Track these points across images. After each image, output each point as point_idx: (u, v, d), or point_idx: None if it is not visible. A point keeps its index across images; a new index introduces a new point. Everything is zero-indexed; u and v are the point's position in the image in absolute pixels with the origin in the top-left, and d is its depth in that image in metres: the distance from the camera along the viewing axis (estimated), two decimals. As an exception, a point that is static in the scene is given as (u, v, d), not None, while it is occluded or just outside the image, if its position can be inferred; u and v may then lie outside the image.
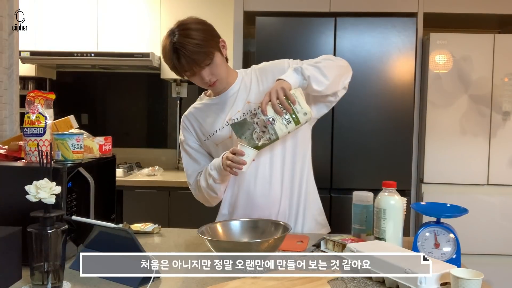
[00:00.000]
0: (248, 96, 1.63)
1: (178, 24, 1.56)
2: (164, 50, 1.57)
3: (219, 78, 1.59)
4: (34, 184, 1.08)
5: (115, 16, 3.41)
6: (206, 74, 1.55)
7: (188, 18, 1.59)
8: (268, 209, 1.63)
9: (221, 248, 1.33)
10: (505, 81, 2.78)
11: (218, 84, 1.61)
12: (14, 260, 1.14)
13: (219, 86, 1.63)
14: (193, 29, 1.53)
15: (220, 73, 1.58)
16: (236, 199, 1.66)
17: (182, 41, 1.50)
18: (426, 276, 1.05)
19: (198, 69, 1.53)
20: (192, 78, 1.59)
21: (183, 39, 1.51)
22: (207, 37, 1.54)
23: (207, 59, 1.53)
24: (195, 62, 1.51)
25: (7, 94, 1.94)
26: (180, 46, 1.50)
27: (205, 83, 1.58)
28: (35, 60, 3.36)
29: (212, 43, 1.55)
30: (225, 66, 1.62)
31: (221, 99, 1.67)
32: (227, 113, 1.64)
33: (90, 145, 1.48)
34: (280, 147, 1.63)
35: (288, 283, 1.12)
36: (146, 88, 3.82)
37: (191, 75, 1.57)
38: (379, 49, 2.77)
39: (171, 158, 3.79)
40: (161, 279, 1.18)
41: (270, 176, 1.62)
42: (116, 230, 1.19)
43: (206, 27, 1.58)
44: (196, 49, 1.50)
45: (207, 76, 1.55)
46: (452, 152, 2.82)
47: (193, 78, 1.58)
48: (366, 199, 1.53)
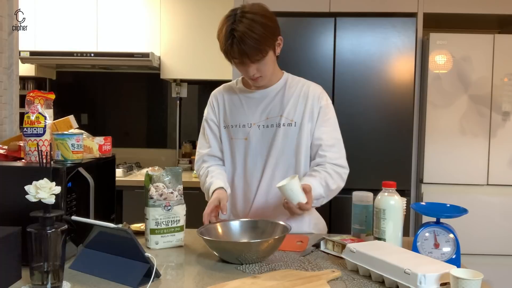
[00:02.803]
0: (285, 110, 1.63)
1: (243, 9, 1.50)
2: (220, 30, 1.51)
3: (263, 75, 1.58)
4: (33, 184, 1.08)
5: (115, 16, 3.41)
6: (252, 69, 1.55)
7: (255, 5, 1.53)
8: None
9: (221, 248, 1.33)
10: (505, 81, 2.78)
11: (259, 80, 1.60)
12: (13, 260, 1.14)
13: (260, 83, 1.62)
14: (257, 22, 1.47)
15: (266, 71, 1.57)
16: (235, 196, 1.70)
17: (243, 30, 1.45)
18: (425, 276, 1.06)
19: (248, 62, 1.52)
20: (237, 66, 1.57)
21: (244, 29, 1.45)
22: (267, 35, 1.49)
23: (260, 56, 1.51)
24: (247, 56, 1.49)
25: (6, 94, 1.94)
26: (238, 36, 1.45)
27: (248, 75, 1.58)
28: (35, 60, 3.37)
29: (270, 41, 1.52)
30: (273, 65, 1.60)
31: (255, 95, 1.67)
32: (254, 114, 1.65)
33: (89, 145, 1.48)
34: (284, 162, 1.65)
35: (288, 283, 1.12)
36: (146, 88, 3.82)
37: (238, 63, 1.55)
38: (379, 49, 2.77)
39: (171, 158, 3.80)
40: (160, 279, 1.18)
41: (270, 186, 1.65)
42: (116, 230, 1.19)
43: (271, 24, 1.52)
44: (253, 44, 1.46)
45: (252, 71, 1.55)
46: (452, 152, 2.82)
47: (239, 66, 1.57)
48: (366, 199, 1.53)
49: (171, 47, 3.42)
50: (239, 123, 1.65)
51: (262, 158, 1.65)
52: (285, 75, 1.70)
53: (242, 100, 1.69)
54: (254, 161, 1.65)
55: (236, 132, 1.65)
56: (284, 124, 1.62)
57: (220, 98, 1.72)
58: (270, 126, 1.64)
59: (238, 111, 1.67)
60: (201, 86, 3.75)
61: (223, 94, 1.72)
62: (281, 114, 1.63)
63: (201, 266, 1.29)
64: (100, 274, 1.19)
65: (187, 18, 3.41)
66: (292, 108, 1.64)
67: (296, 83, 1.69)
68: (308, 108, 1.64)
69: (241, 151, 1.66)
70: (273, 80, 1.66)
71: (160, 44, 3.41)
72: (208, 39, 3.38)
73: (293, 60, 2.74)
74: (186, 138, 3.80)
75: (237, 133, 1.65)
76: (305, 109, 1.64)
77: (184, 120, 3.81)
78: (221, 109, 1.71)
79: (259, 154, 1.65)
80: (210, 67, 3.37)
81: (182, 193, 1.48)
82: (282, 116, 1.63)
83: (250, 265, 1.29)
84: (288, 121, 1.63)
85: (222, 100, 1.71)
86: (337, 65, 2.78)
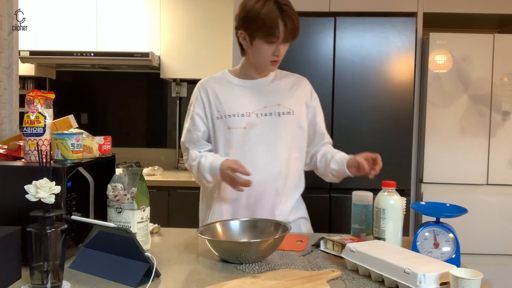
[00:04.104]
0: (281, 99, 1.69)
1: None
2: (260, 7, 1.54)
3: (280, 59, 1.64)
4: (33, 184, 1.08)
5: (115, 15, 3.41)
6: (283, 48, 1.60)
7: None
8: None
9: (220, 248, 1.33)
10: (505, 81, 2.78)
11: (275, 65, 1.65)
12: (13, 259, 1.14)
13: (272, 68, 1.67)
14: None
15: (282, 55, 1.63)
16: None
17: (291, 10, 1.56)
18: (425, 275, 1.06)
19: (285, 39, 1.57)
20: (271, 42, 1.57)
21: (292, 10, 1.56)
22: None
23: (293, 39, 1.59)
24: (291, 32, 1.55)
25: (6, 94, 1.94)
26: (287, 11, 1.54)
27: (274, 55, 1.60)
28: (35, 59, 3.36)
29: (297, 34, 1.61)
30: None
31: (250, 85, 1.70)
32: (252, 103, 1.67)
33: (89, 145, 1.47)
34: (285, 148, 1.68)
35: (287, 283, 1.12)
36: (146, 88, 3.82)
37: (275, 39, 1.56)
38: (379, 49, 2.77)
39: (171, 158, 3.80)
40: (160, 278, 1.18)
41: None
42: (115, 229, 1.19)
43: None
44: (297, 25, 1.57)
45: (282, 49, 1.60)
46: (452, 152, 2.82)
47: (272, 44, 1.58)
48: (365, 199, 1.53)
49: (171, 47, 3.42)
50: (237, 113, 1.65)
51: (267, 146, 1.65)
52: None
53: (236, 90, 1.69)
54: (255, 149, 1.65)
55: (234, 122, 1.64)
56: (283, 112, 1.67)
57: (210, 89, 1.71)
58: (269, 114, 1.66)
59: (234, 101, 1.68)
60: (201, 86, 3.75)
61: (213, 86, 1.72)
62: (278, 103, 1.68)
63: (201, 265, 1.29)
64: (100, 273, 1.19)
65: (187, 18, 3.41)
66: (288, 97, 1.70)
67: (285, 75, 1.78)
68: (306, 99, 1.74)
69: (239, 139, 1.65)
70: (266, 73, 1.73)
71: (160, 44, 3.41)
72: (208, 38, 3.39)
73: (292, 60, 2.74)
74: (186, 137, 3.79)
75: (235, 122, 1.64)
76: (302, 100, 1.73)
77: (184, 120, 3.80)
78: (211, 100, 1.69)
79: (263, 142, 1.65)
80: (210, 66, 3.36)
81: (134, 197, 1.35)
82: (280, 104, 1.67)
83: (250, 264, 1.29)
84: (287, 109, 1.68)
85: (213, 90, 1.70)
86: (337, 65, 2.78)
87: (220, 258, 1.33)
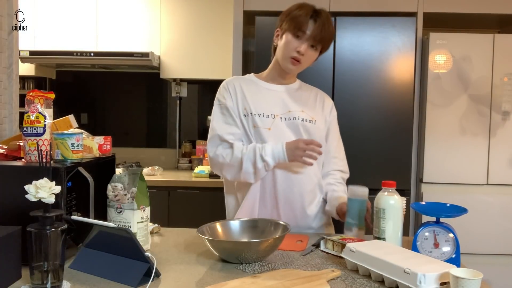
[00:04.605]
0: (305, 107, 1.71)
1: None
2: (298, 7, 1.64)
3: (302, 62, 1.65)
4: (33, 184, 1.07)
5: (115, 15, 3.41)
6: (306, 48, 1.62)
7: None
8: None
9: (220, 248, 1.33)
10: (505, 81, 2.78)
11: (298, 65, 1.66)
12: (13, 259, 1.14)
13: (297, 66, 1.67)
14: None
15: (306, 61, 1.66)
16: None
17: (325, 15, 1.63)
18: (425, 275, 1.06)
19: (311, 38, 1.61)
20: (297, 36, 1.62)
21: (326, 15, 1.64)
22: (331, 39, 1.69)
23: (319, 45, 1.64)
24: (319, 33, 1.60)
25: (6, 94, 1.94)
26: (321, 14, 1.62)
27: (297, 51, 1.62)
28: (35, 59, 3.36)
29: (328, 45, 1.68)
30: (308, 64, 1.69)
31: (276, 88, 1.73)
32: (276, 106, 1.68)
33: (89, 145, 1.47)
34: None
35: (287, 283, 1.12)
36: (146, 88, 3.82)
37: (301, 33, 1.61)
38: (379, 49, 2.77)
39: (171, 158, 3.80)
40: (160, 278, 1.18)
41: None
42: (116, 229, 1.19)
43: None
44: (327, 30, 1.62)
45: (304, 50, 1.62)
46: (452, 152, 2.82)
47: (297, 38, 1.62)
48: (360, 194, 1.53)
49: (171, 47, 3.42)
50: (263, 113, 1.66)
51: None
52: (298, 80, 1.81)
53: (263, 91, 1.71)
54: None
55: (260, 121, 1.65)
56: (306, 119, 1.69)
57: (238, 86, 1.71)
58: (292, 119, 1.68)
59: (260, 101, 1.69)
60: (201, 86, 3.75)
61: (240, 83, 1.73)
62: (302, 110, 1.70)
63: (201, 265, 1.29)
64: (100, 273, 1.19)
65: (187, 18, 3.41)
66: (311, 108, 1.73)
67: (310, 88, 1.82)
68: (325, 114, 1.77)
69: (262, 140, 1.65)
70: (291, 79, 1.76)
71: (160, 44, 3.41)
72: (208, 38, 3.39)
73: (293, 60, 2.73)
74: (186, 137, 3.80)
75: (261, 122, 1.65)
76: (322, 113, 1.76)
77: (184, 120, 3.81)
78: (239, 96, 1.69)
79: None
80: (210, 66, 3.37)
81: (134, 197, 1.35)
82: (304, 111, 1.70)
83: (250, 264, 1.29)
84: (309, 117, 1.70)
85: (240, 88, 1.71)
86: (337, 65, 2.79)
87: (220, 258, 1.33)
